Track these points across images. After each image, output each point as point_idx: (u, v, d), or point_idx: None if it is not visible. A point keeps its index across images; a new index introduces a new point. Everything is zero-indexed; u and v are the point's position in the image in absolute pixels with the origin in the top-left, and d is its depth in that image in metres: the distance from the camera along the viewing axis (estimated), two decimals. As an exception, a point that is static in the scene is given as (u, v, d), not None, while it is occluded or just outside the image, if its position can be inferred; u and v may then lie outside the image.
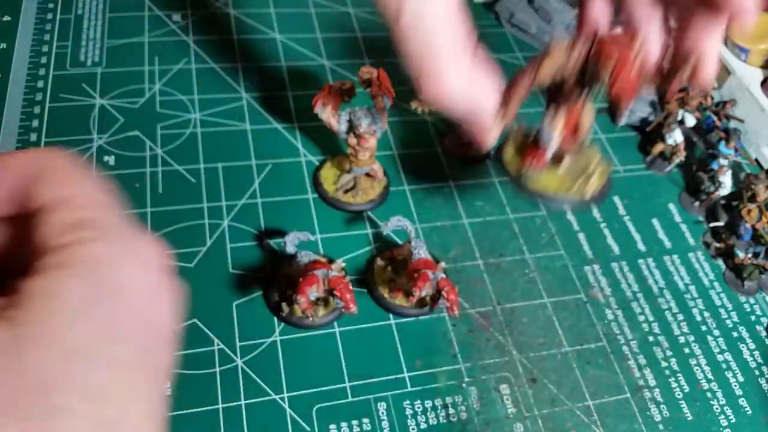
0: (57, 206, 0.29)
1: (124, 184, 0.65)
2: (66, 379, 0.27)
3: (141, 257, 0.31)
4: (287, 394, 0.54)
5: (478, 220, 0.69)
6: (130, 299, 0.30)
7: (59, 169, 0.31)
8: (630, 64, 0.47)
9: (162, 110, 0.73)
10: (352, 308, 0.53)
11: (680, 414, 0.58)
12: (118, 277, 0.29)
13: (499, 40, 0.90)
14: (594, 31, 0.49)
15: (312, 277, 0.53)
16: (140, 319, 0.30)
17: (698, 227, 0.73)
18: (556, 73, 0.49)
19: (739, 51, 0.83)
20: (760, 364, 0.62)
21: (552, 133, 0.55)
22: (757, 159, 0.80)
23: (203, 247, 0.62)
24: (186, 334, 0.56)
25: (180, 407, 0.52)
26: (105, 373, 0.28)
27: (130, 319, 0.30)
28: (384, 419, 0.54)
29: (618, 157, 0.79)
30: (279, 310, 0.57)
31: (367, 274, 0.62)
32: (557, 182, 0.57)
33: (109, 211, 0.33)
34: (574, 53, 0.49)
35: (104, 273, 0.29)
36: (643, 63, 0.49)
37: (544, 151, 0.56)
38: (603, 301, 0.65)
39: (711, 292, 0.67)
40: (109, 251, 0.29)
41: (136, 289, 0.30)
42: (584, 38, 0.49)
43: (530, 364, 0.59)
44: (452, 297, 0.55)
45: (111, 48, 0.78)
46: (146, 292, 0.31)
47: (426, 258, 0.58)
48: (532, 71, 0.49)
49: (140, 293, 0.30)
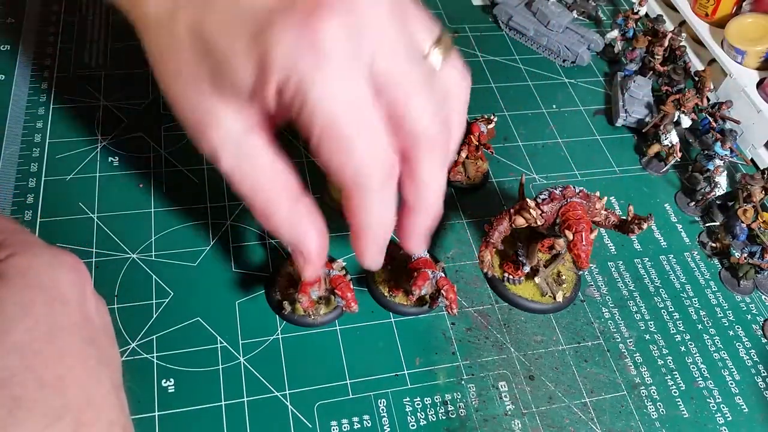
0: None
1: (128, 184, 0.66)
2: (22, 372, 0.28)
3: (64, 265, 0.34)
4: (289, 391, 0.55)
5: (478, 221, 0.70)
6: (62, 299, 0.32)
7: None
8: (589, 227, 0.54)
9: (165, 112, 0.73)
10: (353, 307, 0.54)
11: (677, 411, 0.59)
12: (47, 281, 0.32)
13: (497, 43, 0.91)
14: (563, 195, 0.55)
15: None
16: (77, 315, 0.33)
17: (694, 227, 0.74)
18: (528, 222, 0.56)
19: (735, 53, 0.84)
20: (756, 362, 0.63)
21: (529, 258, 0.62)
22: (752, 159, 0.81)
23: (206, 247, 0.63)
24: (189, 332, 0.57)
25: (183, 404, 0.53)
26: (59, 363, 0.30)
27: (68, 315, 0.32)
28: (384, 416, 0.55)
29: (614, 158, 0.79)
30: (281, 308, 0.58)
31: (367, 273, 0.63)
32: (532, 290, 0.64)
33: (21, 233, 0.36)
34: (545, 209, 0.55)
35: (33, 279, 0.31)
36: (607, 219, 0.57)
37: (521, 267, 0.63)
38: (600, 300, 0.65)
39: (707, 291, 0.68)
40: (31, 262, 0.32)
41: (66, 290, 0.33)
42: (556, 200, 0.55)
43: (528, 362, 0.60)
44: (451, 295, 0.56)
45: (115, 50, 0.79)
46: (76, 292, 0.33)
47: (425, 257, 0.59)
48: (509, 221, 0.57)
49: (71, 293, 0.33)
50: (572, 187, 0.56)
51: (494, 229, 0.57)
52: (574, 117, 0.84)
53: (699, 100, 0.78)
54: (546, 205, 0.55)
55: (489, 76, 0.86)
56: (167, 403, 0.53)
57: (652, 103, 0.82)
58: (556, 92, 0.86)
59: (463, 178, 0.72)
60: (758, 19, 0.83)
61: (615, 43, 0.91)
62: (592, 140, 0.81)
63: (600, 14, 0.99)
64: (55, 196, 0.64)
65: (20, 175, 0.65)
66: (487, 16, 0.95)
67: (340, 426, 0.54)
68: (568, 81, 0.88)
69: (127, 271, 0.60)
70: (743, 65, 0.84)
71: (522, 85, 0.86)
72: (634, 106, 0.81)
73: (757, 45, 0.82)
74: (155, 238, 0.63)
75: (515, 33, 0.92)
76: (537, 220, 0.55)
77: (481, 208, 0.71)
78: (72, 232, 0.62)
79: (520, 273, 0.63)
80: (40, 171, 0.66)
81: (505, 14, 0.92)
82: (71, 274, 0.34)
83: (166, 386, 0.54)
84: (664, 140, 0.77)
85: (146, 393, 0.53)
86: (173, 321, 0.57)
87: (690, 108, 0.78)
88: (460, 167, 0.72)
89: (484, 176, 0.73)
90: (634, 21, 0.90)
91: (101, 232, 0.62)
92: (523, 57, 0.90)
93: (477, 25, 0.93)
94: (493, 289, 0.64)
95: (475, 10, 0.96)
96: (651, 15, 0.94)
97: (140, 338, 0.56)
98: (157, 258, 0.61)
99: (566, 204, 0.55)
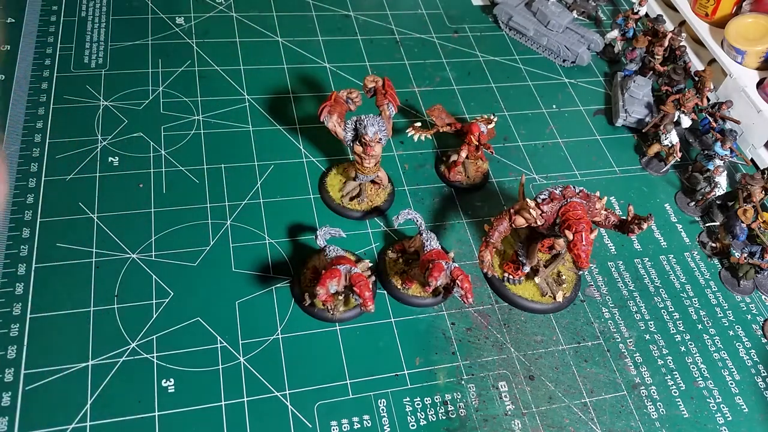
0: None
1: (128, 184, 0.66)
2: None
3: None
4: (289, 391, 0.55)
5: (478, 220, 0.70)
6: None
7: None
8: (589, 227, 0.54)
9: (165, 112, 0.74)
10: (369, 306, 0.53)
11: (676, 411, 0.59)
12: None
13: (497, 43, 0.91)
14: (563, 195, 0.56)
15: (334, 271, 0.54)
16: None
17: (694, 227, 0.74)
18: (528, 222, 0.56)
19: (735, 53, 0.84)
20: (756, 362, 0.63)
21: (529, 258, 0.62)
22: (752, 159, 0.81)
23: (206, 247, 0.63)
24: (189, 332, 0.57)
25: (183, 404, 0.53)
26: None
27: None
28: (384, 416, 0.55)
29: (614, 158, 0.79)
30: (302, 299, 0.59)
31: (379, 266, 0.63)
32: (532, 290, 0.64)
33: None
34: (545, 209, 0.55)
35: None
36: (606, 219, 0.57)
37: (521, 267, 0.63)
38: (600, 300, 0.65)
39: (707, 291, 0.68)
40: None
41: None
42: (556, 200, 0.55)
43: (528, 362, 0.60)
44: (466, 285, 0.55)
45: (114, 50, 0.79)
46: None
47: (437, 248, 0.58)
48: (509, 221, 0.56)
49: None
50: (572, 187, 0.56)
51: (494, 229, 0.57)
52: (574, 117, 0.84)
53: (699, 100, 0.78)
54: (546, 205, 0.55)
55: (489, 76, 0.86)
56: (167, 403, 0.53)
57: (652, 103, 0.82)
58: (556, 92, 0.86)
59: (463, 178, 0.72)
60: (758, 19, 0.83)
61: (615, 43, 0.91)
62: (592, 140, 0.81)
63: (600, 14, 0.99)
64: (55, 196, 0.64)
65: (20, 175, 0.65)
66: (487, 16, 0.95)
67: (340, 426, 0.54)
68: (568, 81, 0.88)
69: (127, 271, 0.60)
70: (743, 65, 0.84)
71: (522, 85, 0.86)
72: (634, 106, 0.81)
73: (757, 45, 0.82)
74: (155, 238, 0.63)
75: (515, 33, 0.92)
76: (537, 220, 0.55)
77: (481, 208, 0.71)
78: (72, 232, 0.62)
79: (520, 273, 0.63)
80: (40, 171, 0.66)
81: (505, 14, 0.92)
82: None
83: (166, 386, 0.54)
84: (664, 140, 0.77)
85: (146, 393, 0.53)
86: (173, 321, 0.57)
87: (690, 108, 0.78)
88: (460, 167, 0.72)
89: (484, 176, 0.73)
90: (634, 21, 0.90)
91: (101, 232, 0.62)
92: (523, 57, 0.90)
93: (477, 25, 0.93)
94: (493, 289, 0.64)
95: (475, 10, 0.96)
96: (651, 15, 0.94)
97: (140, 338, 0.56)
98: (157, 258, 0.61)
99: (566, 204, 0.55)
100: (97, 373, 0.53)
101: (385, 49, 0.87)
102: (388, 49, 0.87)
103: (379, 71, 0.83)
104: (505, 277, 0.64)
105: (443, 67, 0.86)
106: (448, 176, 0.72)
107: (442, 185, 0.73)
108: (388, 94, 0.65)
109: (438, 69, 0.85)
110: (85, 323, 0.56)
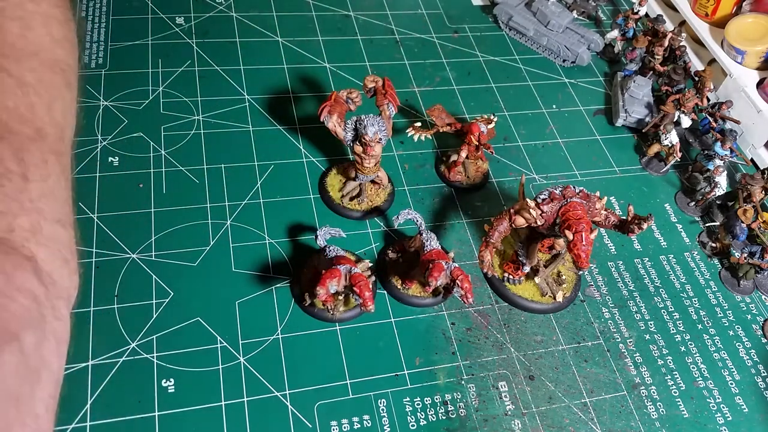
0: None
1: (128, 184, 0.66)
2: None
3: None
4: (289, 391, 0.55)
5: (478, 220, 0.70)
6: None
7: None
8: (589, 227, 0.54)
9: (165, 112, 0.74)
10: (369, 306, 0.53)
11: (677, 411, 0.59)
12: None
13: (497, 43, 0.91)
14: (563, 195, 0.56)
15: (334, 270, 0.54)
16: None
17: (694, 227, 0.74)
18: (528, 222, 0.56)
19: (735, 53, 0.84)
20: (756, 362, 0.63)
21: (529, 258, 0.62)
22: (752, 159, 0.81)
23: (206, 247, 0.63)
24: (189, 332, 0.57)
25: (183, 404, 0.53)
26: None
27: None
28: (384, 416, 0.55)
29: (614, 158, 0.79)
30: (302, 299, 0.59)
31: (378, 266, 0.63)
32: (532, 290, 0.64)
33: None
34: (545, 209, 0.55)
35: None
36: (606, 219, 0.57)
37: (521, 267, 0.63)
38: (600, 300, 0.65)
39: (707, 291, 0.68)
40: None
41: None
42: (556, 200, 0.55)
43: (528, 362, 0.60)
44: (466, 285, 0.55)
45: (114, 50, 0.79)
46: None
47: (437, 248, 0.58)
48: (509, 221, 0.56)
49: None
50: (572, 187, 0.56)
51: (494, 229, 0.57)
52: (574, 117, 0.84)
53: (699, 100, 0.78)
54: (546, 205, 0.55)
55: (489, 76, 0.86)
56: (167, 403, 0.53)
57: (652, 103, 0.82)
58: (556, 92, 0.86)
59: (463, 178, 0.72)
60: (758, 19, 0.83)
61: (615, 43, 0.91)
62: (592, 140, 0.81)
63: (600, 14, 0.99)
64: (55, 196, 0.64)
65: (20, 175, 0.65)
66: (487, 16, 0.95)
67: (340, 426, 0.54)
68: (568, 81, 0.88)
69: (127, 271, 0.60)
70: (743, 65, 0.84)
71: (522, 85, 0.86)
72: (634, 106, 0.81)
73: (757, 45, 0.82)
74: (155, 238, 0.63)
75: (515, 33, 0.92)
76: (537, 220, 0.55)
77: (481, 208, 0.71)
78: (72, 232, 0.62)
79: (520, 273, 0.63)
80: (40, 171, 0.66)
81: (505, 14, 0.92)
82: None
83: (166, 386, 0.54)
84: (664, 140, 0.77)
85: (146, 393, 0.53)
86: (173, 321, 0.57)
87: (690, 108, 0.78)
88: (460, 167, 0.72)
89: (484, 176, 0.73)
90: (634, 21, 0.90)
91: (101, 232, 0.62)
92: (523, 57, 0.90)
93: (477, 25, 0.93)
94: (493, 289, 0.64)
95: (475, 10, 0.96)
96: (651, 15, 0.94)
97: (140, 338, 0.56)
98: (157, 258, 0.61)
99: (566, 204, 0.55)
100: (97, 373, 0.53)
101: (385, 49, 0.87)
102: (388, 49, 0.87)
103: (379, 71, 0.83)
104: (505, 277, 0.64)
105: (443, 67, 0.86)
106: (448, 176, 0.72)
107: (442, 185, 0.73)
108: (388, 94, 0.65)
109: (438, 69, 0.85)
110: (85, 323, 0.56)
